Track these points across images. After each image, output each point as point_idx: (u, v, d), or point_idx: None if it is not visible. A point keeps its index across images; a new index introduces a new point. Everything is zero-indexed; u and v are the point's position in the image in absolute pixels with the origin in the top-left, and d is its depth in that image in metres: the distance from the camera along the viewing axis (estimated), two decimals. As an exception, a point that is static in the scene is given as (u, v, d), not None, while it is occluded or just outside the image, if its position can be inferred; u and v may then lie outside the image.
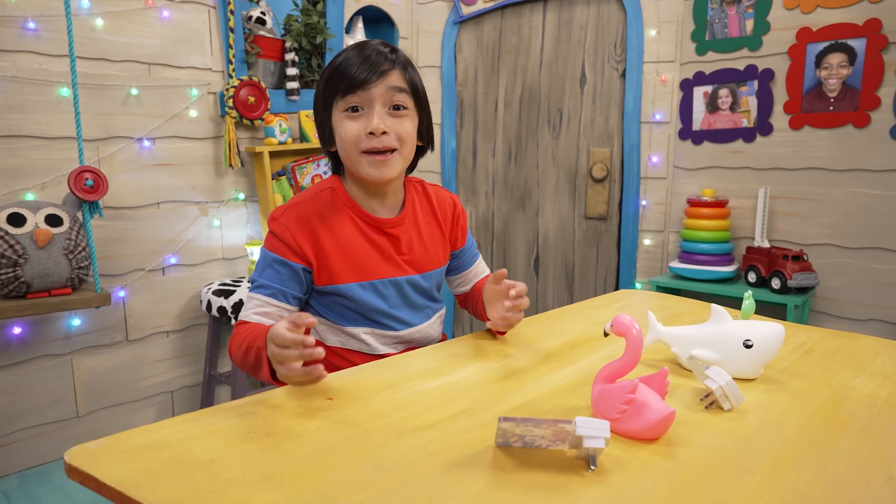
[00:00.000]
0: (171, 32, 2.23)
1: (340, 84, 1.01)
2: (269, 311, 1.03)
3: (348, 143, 1.02)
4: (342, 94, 1.01)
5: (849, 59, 2.27)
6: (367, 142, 1.01)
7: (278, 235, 1.03)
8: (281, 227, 1.03)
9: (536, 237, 3.05)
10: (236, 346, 0.97)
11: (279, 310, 1.03)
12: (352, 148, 1.02)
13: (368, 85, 0.99)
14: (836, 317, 2.36)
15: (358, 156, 1.02)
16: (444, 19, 3.00)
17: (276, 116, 2.41)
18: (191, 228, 2.35)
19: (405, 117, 1.03)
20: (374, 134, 1.00)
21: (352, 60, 1.00)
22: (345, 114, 1.02)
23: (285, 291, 1.03)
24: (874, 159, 2.25)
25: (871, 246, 2.28)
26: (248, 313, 1.02)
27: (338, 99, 1.02)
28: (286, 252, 1.02)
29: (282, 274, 1.02)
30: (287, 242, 1.02)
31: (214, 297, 2.20)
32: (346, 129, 1.02)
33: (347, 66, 1.00)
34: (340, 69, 1.01)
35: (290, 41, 2.48)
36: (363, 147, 1.01)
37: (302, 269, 1.03)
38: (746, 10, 2.48)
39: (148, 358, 2.29)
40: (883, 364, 1.00)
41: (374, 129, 0.99)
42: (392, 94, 1.01)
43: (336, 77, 1.01)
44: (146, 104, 2.19)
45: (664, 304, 1.37)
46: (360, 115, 1.01)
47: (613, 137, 2.81)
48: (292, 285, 1.03)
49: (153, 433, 0.73)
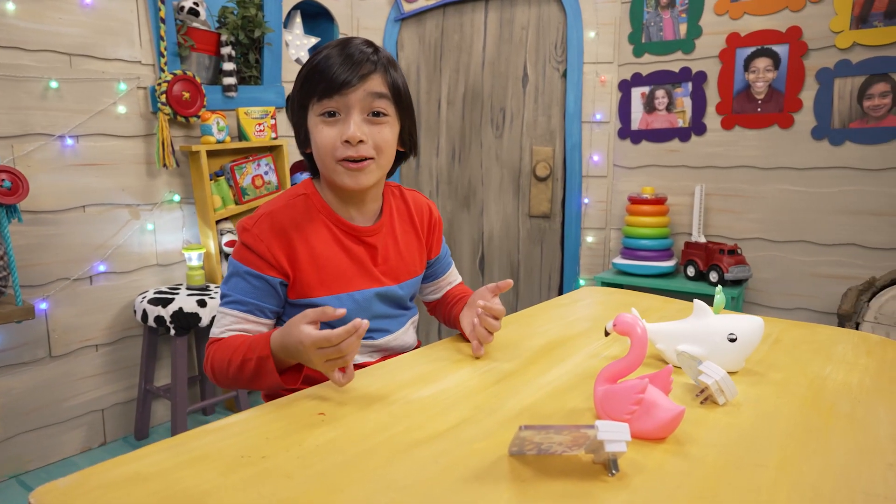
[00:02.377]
0: (95, 21, 2.06)
1: (317, 85, 0.94)
2: (247, 327, 0.96)
3: (323, 151, 0.96)
4: (318, 97, 0.94)
5: (774, 63, 2.41)
6: (342, 150, 0.95)
7: (251, 247, 0.95)
8: (254, 239, 0.96)
9: (481, 236, 3.06)
10: (220, 361, 0.90)
11: (257, 325, 0.96)
12: (327, 155, 0.96)
13: (347, 90, 0.93)
14: (766, 307, 2.51)
15: (333, 164, 0.96)
16: (384, 16, 2.95)
17: (213, 113, 2.28)
18: (121, 233, 2.18)
19: (384, 124, 0.98)
20: (350, 142, 0.94)
21: (332, 60, 0.94)
22: (321, 118, 0.95)
23: (262, 307, 0.96)
24: (798, 158, 2.40)
25: (797, 239, 2.43)
26: (223, 330, 0.95)
27: (314, 101, 0.95)
28: (261, 265, 0.95)
29: (258, 288, 0.95)
30: (261, 254, 0.95)
31: (151, 306, 2.05)
32: (321, 135, 0.96)
33: (326, 66, 0.93)
34: (319, 69, 0.94)
35: (226, 34, 2.36)
36: (338, 155, 0.95)
37: (279, 283, 0.97)
38: (680, 15, 2.58)
39: (75, 375, 2.11)
40: (845, 352, 1.05)
41: (349, 137, 0.94)
42: (371, 101, 0.95)
43: (314, 77, 0.95)
44: (68, 98, 2.02)
45: (629, 300, 1.40)
46: (337, 120, 0.95)
47: (556, 136, 2.86)
48: (269, 300, 0.97)
49: (132, 464, 0.65)
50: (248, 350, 0.87)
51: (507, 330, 1.14)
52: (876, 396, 0.86)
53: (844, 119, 2.30)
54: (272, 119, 2.49)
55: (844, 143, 2.30)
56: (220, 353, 0.90)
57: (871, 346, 1.08)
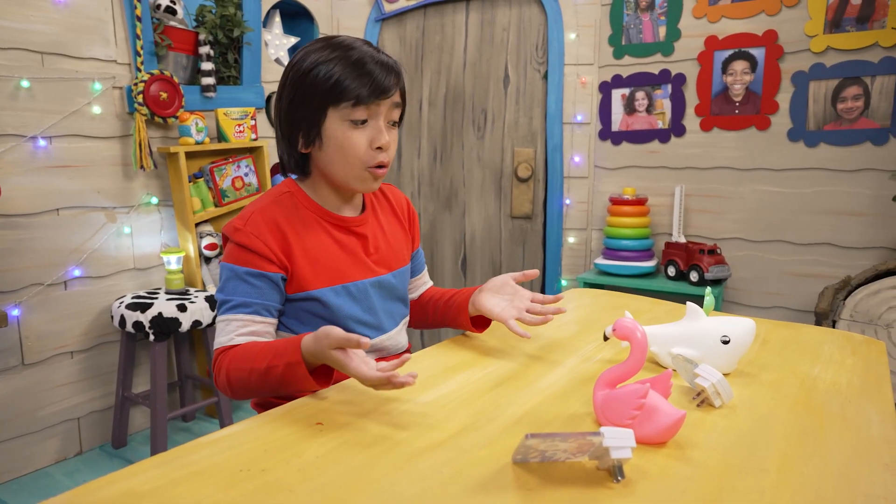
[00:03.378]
0: (69, 19, 2.00)
1: (355, 91, 0.92)
2: (256, 329, 0.93)
3: (353, 156, 0.95)
4: (355, 102, 0.92)
5: (751, 66, 2.46)
6: (374, 156, 0.96)
7: (247, 246, 0.93)
8: (248, 237, 0.94)
9: (463, 237, 3.06)
10: (238, 371, 0.88)
11: (266, 326, 0.94)
12: (356, 161, 0.96)
13: (385, 97, 0.94)
14: (745, 305, 2.55)
15: (361, 169, 0.97)
16: (365, 16, 2.93)
17: (191, 114, 2.24)
18: (97, 237, 2.13)
19: (396, 131, 1.00)
20: (383, 149, 0.96)
21: (369, 67, 0.92)
22: (349, 123, 0.94)
23: (268, 305, 0.94)
24: (774, 159, 2.44)
25: (774, 239, 2.47)
26: (231, 336, 0.92)
27: (344, 105, 0.93)
28: (260, 262, 0.93)
29: (259, 287, 0.93)
30: (258, 251, 0.93)
31: (129, 311, 2.00)
32: (352, 140, 0.95)
33: (365, 71, 0.92)
34: (356, 72, 0.92)
35: (204, 33, 2.31)
36: (370, 162, 0.96)
37: (280, 278, 0.95)
38: (659, 18, 2.61)
39: (49, 383, 2.05)
40: (831, 352, 1.07)
41: (384, 144, 0.96)
42: (392, 109, 0.97)
43: (349, 80, 0.92)
44: (40, 98, 1.96)
45: (618, 302, 1.40)
46: (365, 126, 0.95)
47: (537, 138, 2.87)
48: (273, 296, 0.95)
49: (124, 481, 0.63)
50: (273, 357, 0.84)
51: (497, 333, 1.14)
52: (865, 397, 0.88)
53: (819, 121, 2.35)
54: (252, 120, 2.45)
55: (819, 145, 2.35)
56: (237, 363, 0.88)
57: (856, 345, 1.11)
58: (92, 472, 2.05)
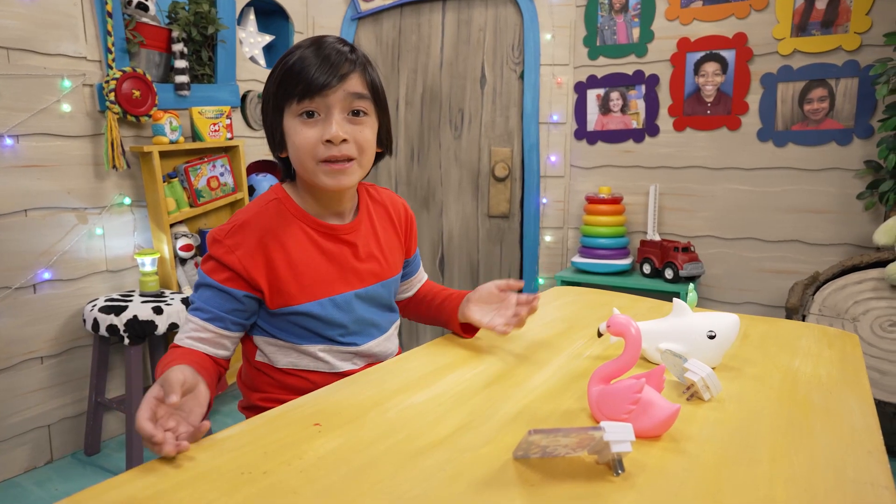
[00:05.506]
0: (36, 14, 1.94)
1: (295, 87, 0.91)
2: (206, 336, 0.93)
3: (303, 152, 0.93)
4: (297, 98, 0.91)
5: (722, 67, 2.52)
6: (324, 150, 0.92)
7: (221, 260, 0.92)
8: (225, 252, 0.92)
9: (441, 236, 3.06)
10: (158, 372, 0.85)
11: (216, 336, 0.93)
12: (307, 157, 0.93)
13: (327, 91, 0.91)
14: (718, 301, 2.61)
15: (314, 165, 0.94)
16: (341, 15, 2.91)
17: (165, 113, 2.19)
18: (67, 238, 2.07)
19: (364, 124, 0.96)
20: (333, 142, 0.92)
21: (308, 61, 0.91)
22: (299, 119, 0.92)
23: (224, 317, 0.93)
24: (745, 159, 2.51)
25: (745, 236, 2.54)
26: (183, 337, 0.92)
27: (292, 103, 0.92)
28: (228, 278, 0.92)
29: (222, 301, 0.93)
30: (231, 267, 0.92)
31: (102, 314, 1.95)
32: (300, 136, 0.93)
33: (303, 66, 0.91)
34: (295, 70, 0.91)
35: (177, 31, 2.27)
36: (320, 156, 0.93)
37: (244, 296, 0.93)
38: (633, 19, 2.65)
39: (17, 389, 1.99)
40: (809, 345, 1.10)
41: (332, 136, 0.91)
42: (352, 100, 0.93)
43: (290, 78, 0.91)
44: (6, 96, 1.90)
45: (601, 300, 1.43)
46: (317, 120, 0.92)
47: (514, 137, 2.89)
48: (232, 312, 0.94)
49: (123, 487, 0.62)
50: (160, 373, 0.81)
51: (486, 332, 1.15)
52: (844, 387, 0.91)
53: (787, 122, 2.42)
54: (227, 119, 2.42)
55: (787, 145, 2.42)
56: (161, 365, 0.86)
57: (832, 338, 1.15)
58: (63, 481, 2.00)
